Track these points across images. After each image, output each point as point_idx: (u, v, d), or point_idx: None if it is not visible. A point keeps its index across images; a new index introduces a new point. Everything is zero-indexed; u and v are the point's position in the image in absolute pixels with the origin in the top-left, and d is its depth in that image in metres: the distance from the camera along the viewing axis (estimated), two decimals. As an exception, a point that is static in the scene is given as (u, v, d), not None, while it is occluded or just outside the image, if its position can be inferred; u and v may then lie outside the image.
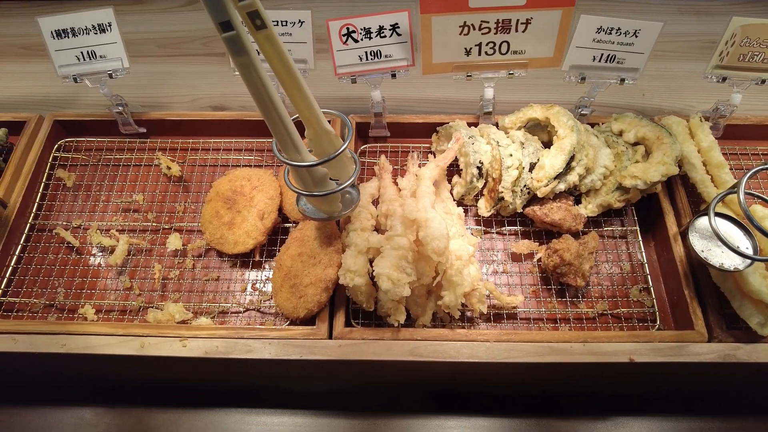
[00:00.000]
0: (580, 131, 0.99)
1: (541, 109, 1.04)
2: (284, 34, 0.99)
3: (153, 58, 1.43)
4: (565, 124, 0.99)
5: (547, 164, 0.97)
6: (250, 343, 0.88)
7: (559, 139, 0.99)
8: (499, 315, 0.98)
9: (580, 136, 0.98)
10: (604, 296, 1.00)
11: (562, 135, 0.99)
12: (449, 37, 0.97)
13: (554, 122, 1.01)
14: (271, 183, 1.04)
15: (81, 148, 1.18)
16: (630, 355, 0.86)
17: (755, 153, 1.15)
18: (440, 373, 0.94)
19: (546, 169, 0.97)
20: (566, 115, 1.01)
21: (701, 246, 0.90)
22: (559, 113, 1.01)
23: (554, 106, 1.03)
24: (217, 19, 0.63)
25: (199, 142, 1.17)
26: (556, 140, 1.00)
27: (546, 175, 0.96)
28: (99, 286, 1.02)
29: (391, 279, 0.83)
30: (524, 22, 0.95)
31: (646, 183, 0.96)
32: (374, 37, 0.99)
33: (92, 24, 1.01)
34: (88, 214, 1.10)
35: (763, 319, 0.87)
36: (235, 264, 1.04)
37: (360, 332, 0.89)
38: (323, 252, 0.92)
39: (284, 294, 0.91)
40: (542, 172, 0.97)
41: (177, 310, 0.95)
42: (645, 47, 0.99)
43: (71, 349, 0.88)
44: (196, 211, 1.10)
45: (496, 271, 1.03)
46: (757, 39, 0.98)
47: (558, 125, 1.00)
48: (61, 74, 1.05)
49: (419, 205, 0.88)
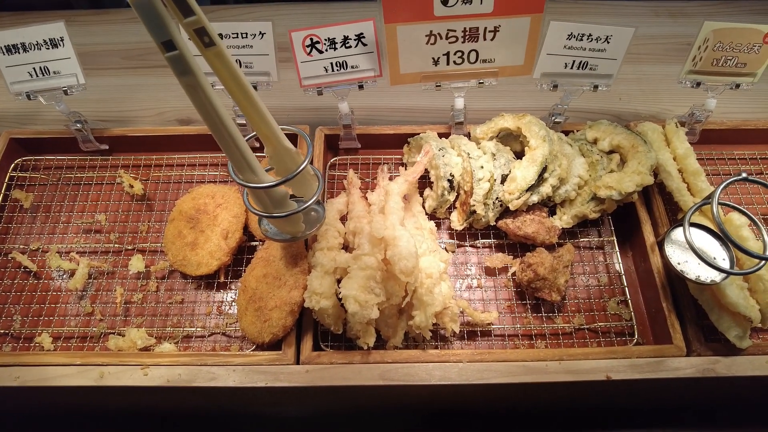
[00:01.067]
0: (552, 141, 0.96)
1: (512, 119, 1.02)
2: (245, 46, 0.96)
3: (118, 70, 1.38)
4: (537, 134, 0.97)
5: (519, 176, 0.94)
6: (213, 370, 0.84)
7: (531, 149, 0.96)
8: (473, 332, 0.95)
9: (553, 146, 0.95)
10: (581, 310, 0.98)
11: (534, 145, 0.96)
12: (416, 47, 0.94)
13: (526, 132, 0.98)
14: (236, 200, 1.00)
15: (39, 167, 1.13)
16: (607, 372, 0.84)
17: (732, 158, 1.13)
18: (416, 395, 0.91)
19: (518, 181, 0.94)
20: (538, 125, 0.98)
21: (678, 258, 0.88)
22: (531, 123, 0.98)
23: (526, 116, 1.00)
24: (158, 39, 0.59)
25: (162, 158, 1.13)
26: (527, 151, 0.97)
27: (518, 187, 0.93)
28: (58, 312, 0.98)
29: (359, 301, 0.80)
30: (492, 30, 0.92)
31: (621, 194, 0.94)
32: (339, 48, 0.96)
33: (44, 39, 0.96)
34: (46, 236, 1.06)
35: (742, 332, 0.85)
36: (199, 286, 1.00)
37: (328, 356, 0.86)
38: (289, 273, 0.89)
39: (249, 318, 0.88)
40: (514, 185, 0.94)
41: (139, 336, 0.91)
42: (617, 53, 0.97)
43: (25, 381, 0.84)
44: (160, 230, 1.06)
45: (470, 286, 1.00)
46: (729, 43, 0.96)
47: (530, 135, 0.97)
48: (13, 91, 1.01)
49: (387, 223, 0.85)
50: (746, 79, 1.01)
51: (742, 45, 0.97)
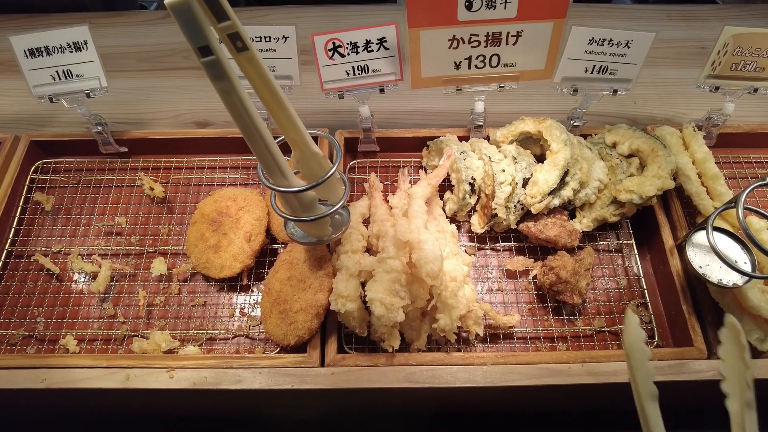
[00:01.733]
0: (573, 145, 0.97)
1: (533, 123, 1.02)
2: (268, 50, 0.96)
3: (133, 72, 1.38)
4: (558, 138, 0.97)
5: (541, 180, 0.95)
6: (239, 372, 0.85)
7: (552, 153, 0.97)
8: (495, 335, 0.95)
9: (574, 149, 0.96)
10: (602, 312, 0.98)
11: (555, 149, 0.97)
12: (438, 51, 0.94)
13: (547, 136, 0.99)
14: (258, 203, 1.01)
15: (60, 170, 1.13)
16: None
17: (748, 161, 1.14)
18: (440, 396, 0.91)
19: (540, 185, 0.94)
20: (559, 129, 0.99)
21: (699, 261, 0.88)
22: (552, 127, 0.99)
23: (546, 119, 1.01)
24: (195, 44, 0.59)
25: (182, 161, 1.14)
26: (549, 155, 0.98)
27: (540, 191, 0.94)
28: (81, 315, 0.98)
29: (384, 304, 0.80)
30: (515, 35, 0.93)
31: (641, 197, 0.95)
32: (361, 52, 0.96)
33: (67, 42, 0.97)
34: (68, 238, 1.06)
35: (763, 335, 0.85)
36: (222, 288, 1.00)
37: (353, 358, 0.87)
38: (313, 276, 0.90)
39: (274, 320, 0.88)
40: (536, 188, 0.95)
41: (163, 338, 0.92)
42: (637, 58, 0.98)
43: (52, 383, 0.85)
44: (181, 233, 1.06)
45: (491, 289, 1.01)
46: (749, 48, 0.97)
47: (551, 139, 0.98)
48: (36, 94, 1.01)
49: (412, 226, 0.85)
50: (765, 84, 1.02)
51: (761, 50, 0.97)
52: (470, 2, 0.88)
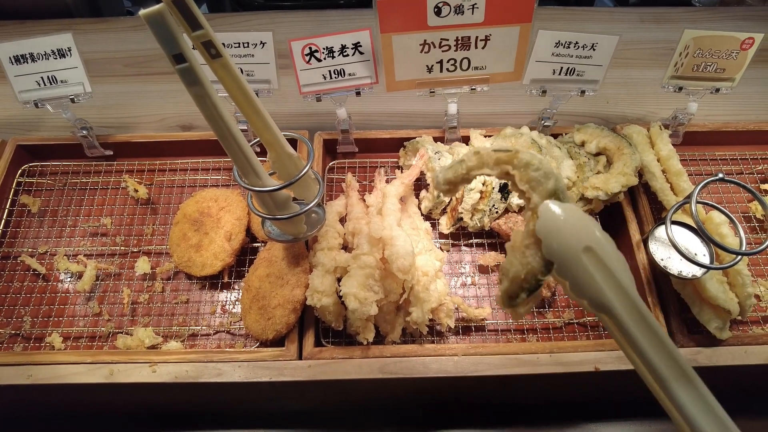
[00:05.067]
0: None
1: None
2: (246, 55, 0.99)
3: (119, 77, 1.41)
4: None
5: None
6: (219, 366, 0.88)
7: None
8: (468, 327, 0.99)
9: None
10: (571, 305, 1.02)
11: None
12: (410, 55, 0.98)
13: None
14: (239, 203, 1.04)
15: (46, 173, 1.16)
16: (595, 364, 0.88)
17: (713, 158, 1.18)
18: (414, 388, 0.95)
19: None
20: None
21: (661, 254, 0.92)
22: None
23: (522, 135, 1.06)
24: (169, 52, 0.63)
25: (166, 163, 1.17)
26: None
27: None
28: (67, 313, 1.01)
29: (358, 298, 0.84)
30: (483, 39, 0.97)
31: (607, 194, 0.98)
32: (337, 56, 1.00)
33: (52, 49, 1.00)
34: (54, 239, 1.09)
35: (722, 324, 0.89)
36: (204, 286, 1.04)
37: (330, 351, 0.90)
38: (291, 272, 0.93)
39: (253, 316, 0.91)
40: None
41: (146, 334, 0.95)
42: (603, 59, 1.01)
43: (38, 379, 0.87)
44: (164, 233, 1.09)
45: (465, 284, 1.04)
46: (709, 50, 1.01)
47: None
48: (21, 100, 1.04)
49: (385, 223, 0.89)
50: (725, 84, 1.06)
51: (720, 51, 1.01)
52: (439, 8, 0.91)
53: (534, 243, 0.52)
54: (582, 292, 0.50)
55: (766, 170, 1.16)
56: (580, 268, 0.49)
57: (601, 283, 0.49)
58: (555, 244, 0.50)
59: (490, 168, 0.56)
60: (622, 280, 0.49)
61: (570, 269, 0.50)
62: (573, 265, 0.49)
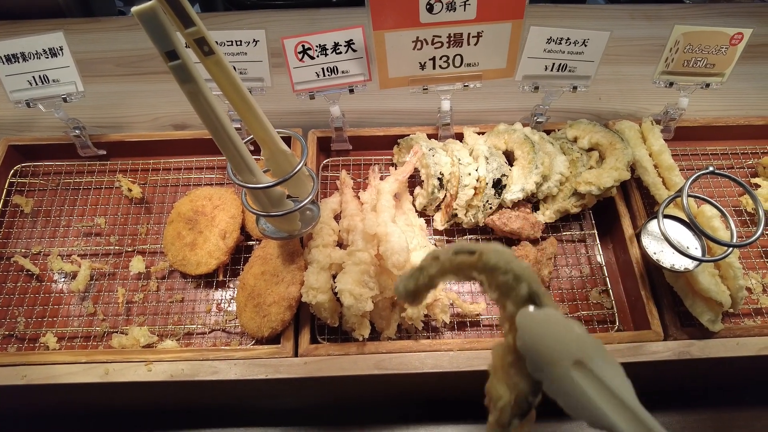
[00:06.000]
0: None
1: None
2: (239, 53, 0.99)
3: (112, 77, 1.41)
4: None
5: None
6: (215, 364, 0.88)
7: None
8: (463, 323, 0.99)
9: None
10: (565, 299, 1.03)
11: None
12: (403, 53, 0.98)
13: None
14: (233, 201, 1.04)
15: (39, 173, 1.16)
16: (589, 357, 0.88)
17: (705, 153, 1.19)
18: (410, 383, 0.95)
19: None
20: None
21: (654, 248, 0.93)
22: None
23: (515, 131, 1.06)
24: (162, 49, 0.63)
25: (159, 162, 1.17)
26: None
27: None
28: (61, 313, 1.01)
29: (354, 294, 0.84)
30: (475, 36, 0.97)
31: (599, 189, 0.99)
32: (330, 54, 1.00)
33: (43, 48, 0.99)
34: (48, 240, 1.09)
35: (714, 316, 0.90)
36: (199, 285, 1.03)
37: (325, 348, 0.90)
38: (286, 270, 0.93)
39: (248, 314, 0.91)
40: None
41: (142, 334, 0.94)
42: (594, 55, 1.02)
43: (32, 380, 0.87)
44: (159, 232, 1.09)
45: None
46: (699, 45, 1.02)
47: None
48: (13, 99, 1.04)
49: (379, 220, 0.89)
50: (715, 79, 1.07)
51: (710, 47, 1.02)
52: (431, 5, 0.92)
53: (517, 360, 0.47)
54: (578, 414, 0.43)
55: (756, 164, 1.17)
56: (572, 386, 0.43)
57: (597, 401, 0.42)
58: (539, 361, 0.44)
59: (454, 274, 0.50)
60: (622, 394, 0.42)
61: (560, 388, 0.44)
62: (563, 384, 0.44)
